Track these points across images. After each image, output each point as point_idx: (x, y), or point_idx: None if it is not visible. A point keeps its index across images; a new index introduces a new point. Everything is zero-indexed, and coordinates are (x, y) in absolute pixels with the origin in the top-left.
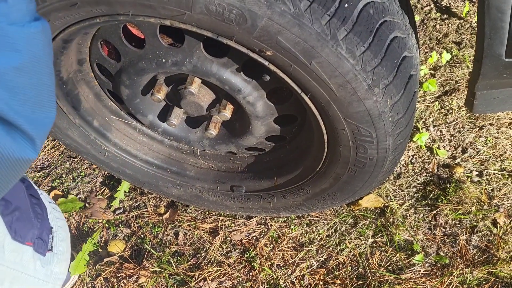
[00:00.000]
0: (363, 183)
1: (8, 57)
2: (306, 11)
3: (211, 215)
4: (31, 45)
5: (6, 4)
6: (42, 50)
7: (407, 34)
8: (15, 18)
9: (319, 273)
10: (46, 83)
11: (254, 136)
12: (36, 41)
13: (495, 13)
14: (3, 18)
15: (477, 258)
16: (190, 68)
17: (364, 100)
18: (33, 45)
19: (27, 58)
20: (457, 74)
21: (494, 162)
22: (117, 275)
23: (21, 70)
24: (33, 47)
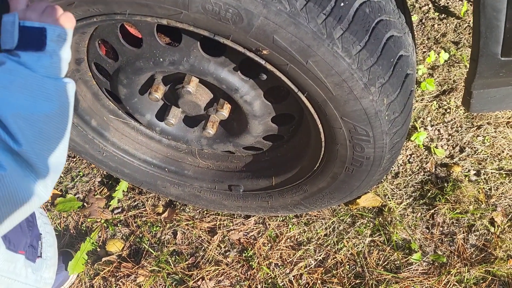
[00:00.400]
0: (360, 182)
1: (42, 105)
2: (302, 10)
3: (209, 215)
4: (61, 97)
5: (47, 60)
6: (69, 103)
7: (403, 33)
8: (51, 72)
9: (317, 272)
10: (65, 133)
11: (251, 135)
12: (65, 94)
13: (490, 12)
14: (42, 69)
15: (475, 257)
16: (187, 67)
17: (361, 99)
18: (63, 97)
19: (57, 108)
20: (455, 74)
21: (492, 161)
22: (115, 274)
23: (50, 118)
24: (62, 98)
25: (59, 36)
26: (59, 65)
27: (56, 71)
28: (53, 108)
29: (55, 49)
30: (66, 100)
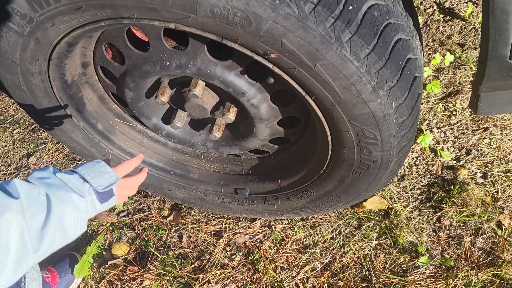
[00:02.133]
0: (367, 185)
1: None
2: (310, 14)
3: (215, 218)
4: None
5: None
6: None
7: (411, 36)
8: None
9: (324, 275)
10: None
11: (258, 138)
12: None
13: (500, 14)
14: (92, 212)
15: (482, 260)
16: (194, 71)
17: (369, 102)
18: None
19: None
20: (461, 76)
21: (499, 164)
22: (121, 278)
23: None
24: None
25: (110, 205)
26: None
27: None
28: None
29: (102, 209)
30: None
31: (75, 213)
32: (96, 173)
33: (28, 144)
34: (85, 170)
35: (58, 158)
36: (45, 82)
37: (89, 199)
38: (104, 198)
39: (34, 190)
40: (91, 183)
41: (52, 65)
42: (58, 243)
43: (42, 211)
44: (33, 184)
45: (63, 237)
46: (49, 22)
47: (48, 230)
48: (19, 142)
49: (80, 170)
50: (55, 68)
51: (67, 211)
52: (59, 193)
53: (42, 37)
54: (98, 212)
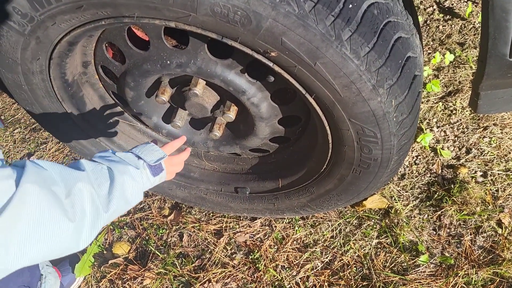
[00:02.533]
0: (367, 184)
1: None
2: (310, 12)
3: (215, 217)
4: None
5: (150, 184)
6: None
7: (411, 34)
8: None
9: (324, 274)
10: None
11: (258, 137)
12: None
13: (500, 13)
14: (148, 183)
15: (482, 258)
16: (194, 70)
17: (369, 100)
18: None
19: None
20: (461, 75)
21: (499, 163)
22: (121, 277)
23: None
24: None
25: (161, 178)
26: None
27: (142, 190)
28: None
29: (155, 182)
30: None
31: (133, 183)
32: (147, 151)
33: (28, 143)
34: (138, 150)
35: (58, 158)
36: (45, 81)
37: (143, 172)
38: (155, 172)
39: (98, 166)
40: (144, 158)
41: (53, 64)
42: (122, 208)
43: (107, 181)
44: (96, 162)
45: (125, 203)
46: (50, 21)
47: (114, 196)
48: (19, 142)
49: (135, 150)
50: (56, 67)
51: (126, 181)
52: (119, 166)
53: (43, 36)
54: (152, 184)
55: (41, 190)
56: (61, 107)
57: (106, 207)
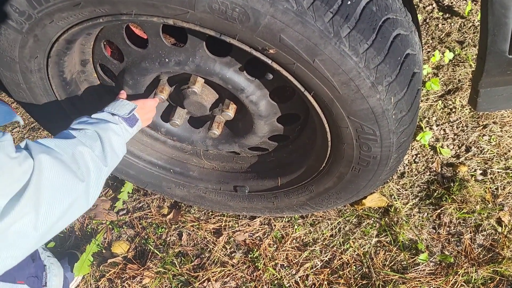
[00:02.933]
0: (367, 182)
1: (122, 149)
2: (309, 9)
3: (214, 216)
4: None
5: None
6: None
7: (410, 31)
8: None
9: (323, 273)
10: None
11: (257, 135)
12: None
13: (499, 9)
14: (127, 134)
15: (482, 257)
16: (193, 68)
17: (368, 97)
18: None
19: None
20: (460, 73)
21: (498, 161)
22: (121, 276)
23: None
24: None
25: (138, 127)
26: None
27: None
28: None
29: (133, 132)
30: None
31: (117, 137)
32: (119, 106)
33: None
34: (110, 107)
35: None
36: (44, 79)
37: (121, 126)
38: (131, 123)
39: (82, 131)
40: (118, 114)
41: (51, 62)
42: (115, 162)
43: (96, 140)
44: (78, 129)
45: (115, 156)
46: (48, 19)
47: (107, 151)
48: (18, 141)
49: (107, 109)
50: (54, 65)
51: (111, 136)
52: (100, 125)
53: (41, 34)
54: (131, 135)
55: (50, 158)
56: (60, 106)
57: (105, 161)
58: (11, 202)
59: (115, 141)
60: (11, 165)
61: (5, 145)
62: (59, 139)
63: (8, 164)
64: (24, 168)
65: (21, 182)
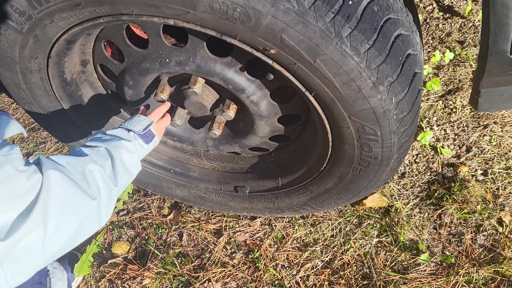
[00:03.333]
0: (367, 182)
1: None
2: (310, 9)
3: (215, 216)
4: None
5: (144, 151)
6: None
7: (411, 31)
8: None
9: (324, 273)
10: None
11: (258, 136)
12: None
13: (501, 9)
14: (142, 152)
15: (483, 257)
16: (193, 68)
17: (369, 98)
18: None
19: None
20: (461, 73)
21: (499, 161)
22: (121, 276)
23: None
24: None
25: (155, 143)
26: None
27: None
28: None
29: (150, 149)
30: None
31: (130, 155)
32: (135, 122)
33: (27, 143)
34: (127, 123)
35: None
36: (44, 80)
37: (136, 143)
38: (147, 140)
39: (94, 148)
40: (133, 130)
41: (51, 63)
42: (128, 180)
43: (107, 159)
44: (91, 145)
45: (128, 175)
46: (48, 19)
47: (118, 170)
48: (18, 142)
49: (123, 124)
50: (54, 66)
51: (123, 154)
52: (113, 143)
53: (41, 35)
54: (147, 151)
55: (60, 175)
56: (60, 106)
57: (115, 181)
58: (20, 217)
59: (127, 159)
60: (18, 178)
61: (13, 158)
62: (71, 156)
63: (15, 177)
64: (32, 182)
65: (29, 197)
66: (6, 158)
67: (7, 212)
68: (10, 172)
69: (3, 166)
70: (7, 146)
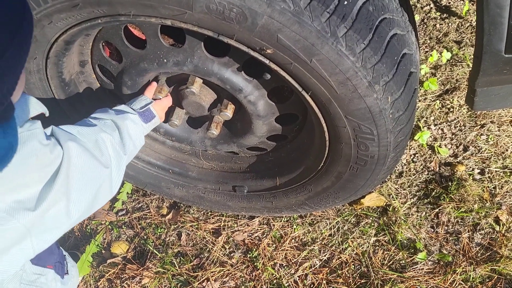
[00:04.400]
0: (365, 181)
1: (141, 140)
2: (306, 9)
3: (213, 216)
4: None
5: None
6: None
7: (406, 31)
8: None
9: (322, 272)
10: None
11: (255, 135)
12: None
13: (494, 8)
14: (146, 128)
15: (480, 255)
16: (191, 68)
17: (365, 97)
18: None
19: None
20: (458, 73)
21: (496, 160)
22: (120, 276)
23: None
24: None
25: (155, 123)
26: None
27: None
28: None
29: (150, 127)
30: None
31: (135, 126)
32: (136, 101)
33: None
34: (128, 102)
35: None
36: (43, 80)
37: (138, 123)
38: (145, 118)
39: (101, 120)
40: (133, 107)
41: (50, 63)
42: (133, 151)
43: (114, 129)
44: (98, 118)
45: (132, 145)
46: (46, 20)
47: (125, 139)
48: None
49: (126, 103)
50: (53, 66)
51: (129, 125)
52: (118, 116)
53: (39, 35)
54: (146, 130)
55: (77, 146)
56: (58, 107)
57: (124, 149)
58: (45, 187)
59: (133, 130)
60: (44, 152)
61: (38, 132)
62: (81, 127)
63: (41, 151)
64: (54, 154)
65: (52, 168)
66: (31, 133)
67: (36, 184)
68: (36, 146)
69: (29, 141)
70: (29, 121)
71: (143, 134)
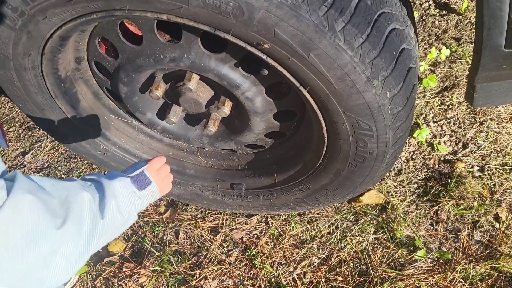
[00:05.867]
0: (363, 178)
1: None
2: (303, 2)
3: (211, 214)
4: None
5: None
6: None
7: (405, 26)
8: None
9: (321, 270)
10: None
11: (253, 132)
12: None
13: (494, 2)
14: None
15: (480, 253)
16: (188, 64)
17: (363, 92)
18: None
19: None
20: (457, 70)
21: (495, 157)
22: (117, 274)
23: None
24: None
25: (153, 192)
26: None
27: (133, 209)
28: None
29: (146, 197)
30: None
31: (124, 191)
32: (130, 166)
33: (23, 142)
34: (125, 169)
35: (53, 156)
36: (38, 77)
37: (129, 188)
38: (140, 185)
39: (86, 182)
40: (126, 173)
41: (45, 59)
42: (117, 219)
43: (96, 192)
44: (84, 179)
45: (119, 215)
46: (41, 15)
47: (107, 203)
48: (14, 141)
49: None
50: (48, 63)
51: (117, 187)
52: (106, 179)
53: (34, 31)
54: (140, 199)
55: (33, 198)
56: (54, 104)
57: (102, 214)
58: None
59: (121, 195)
60: None
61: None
62: (57, 180)
63: None
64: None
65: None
66: None
67: None
68: None
69: None
70: None
71: (134, 203)
